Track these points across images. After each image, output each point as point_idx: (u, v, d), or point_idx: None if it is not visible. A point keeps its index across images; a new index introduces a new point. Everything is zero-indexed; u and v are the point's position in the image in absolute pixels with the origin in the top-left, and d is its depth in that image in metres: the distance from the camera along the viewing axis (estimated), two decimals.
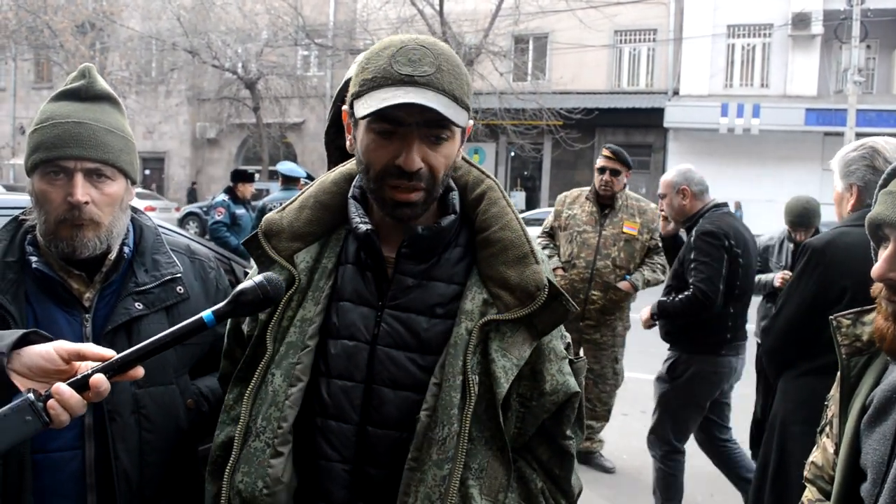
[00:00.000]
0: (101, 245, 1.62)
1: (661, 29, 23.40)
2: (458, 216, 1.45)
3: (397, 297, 1.41)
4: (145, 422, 1.63)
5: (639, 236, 5.04)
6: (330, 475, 1.39)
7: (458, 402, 1.30)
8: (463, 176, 1.52)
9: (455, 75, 1.33)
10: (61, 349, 1.30)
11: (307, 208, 1.49)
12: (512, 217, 1.43)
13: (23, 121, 30.96)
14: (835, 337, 1.61)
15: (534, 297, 1.34)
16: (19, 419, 1.18)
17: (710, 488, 4.92)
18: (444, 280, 1.42)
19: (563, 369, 1.43)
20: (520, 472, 1.44)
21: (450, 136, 1.34)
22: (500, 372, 1.31)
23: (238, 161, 28.89)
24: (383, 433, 1.37)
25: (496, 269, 1.38)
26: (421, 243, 1.41)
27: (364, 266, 1.44)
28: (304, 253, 1.45)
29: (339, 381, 1.39)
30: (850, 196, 2.73)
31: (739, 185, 21.91)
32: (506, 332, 1.35)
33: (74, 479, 1.58)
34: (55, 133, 1.57)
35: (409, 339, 1.38)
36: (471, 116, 1.39)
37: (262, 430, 1.36)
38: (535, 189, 25.21)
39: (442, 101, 1.29)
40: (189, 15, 23.52)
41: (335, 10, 25.80)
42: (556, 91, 22.46)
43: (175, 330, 1.28)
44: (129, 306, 1.64)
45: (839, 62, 21.09)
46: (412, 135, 1.31)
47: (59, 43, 24.61)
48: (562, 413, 1.44)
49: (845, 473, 1.51)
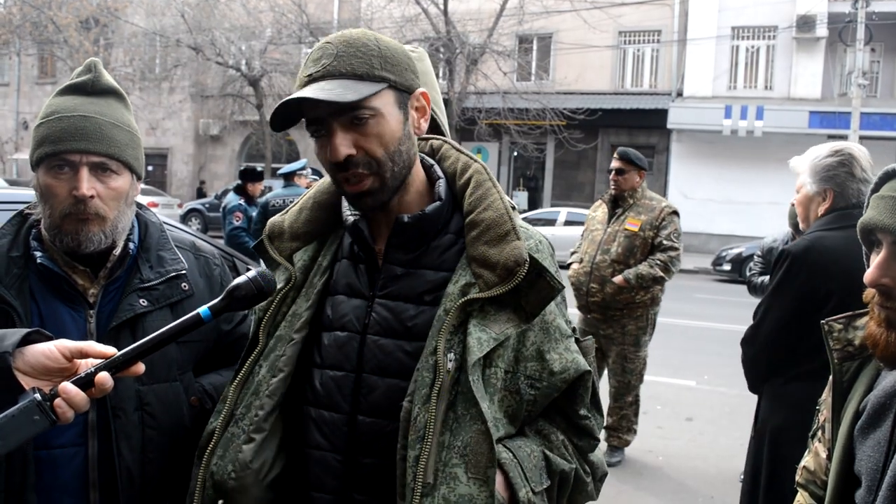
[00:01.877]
0: (106, 240, 1.61)
1: (666, 30, 23.38)
2: (444, 203, 1.46)
3: (387, 286, 1.43)
4: (149, 418, 1.62)
5: (640, 232, 5.10)
6: (322, 465, 1.40)
7: (429, 380, 1.30)
8: (452, 164, 1.52)
9: (357, 55, 1.34)
10: (63, 347, 1.31)
11: (306, 209, 1.54)
12: (496, 197, 1.43)
13: (26, 116, 31.01)
14: (826, 342, 1.61)
15: (514, 273, 1.33)
16: (27, 418, 1.22)
17: (711, 490, 4.92)
18: (433, 268, 1.43)
19: (570, 347, 1.42)
20: (538, 426, 1.44)
21: (371, 115, 1.33)
22: (474, 343, 1.30)
23: (241, 158, 28.90)
24: (372, 422, 1.38)
25: (479, 249, 1.38)
26: (407, 232, 1.43)
27: (357, 259, 1.47)
28: (301, 252, 1.50)
29: (331, 372, 1.42)
30: (824, 200, 2.77)
31: (742, 187, 21.90)
32: (489, 310, 1.34)
33: (77, 475, 1.57)
34: (61, 126, 1.56)
35: (398, 326, 1.40)
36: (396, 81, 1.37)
37: (241, 416, 1.40)
38: (537, 189, 25.20)
39: (339, 85, 1.30)
40: (193, 11, 23.52)
41: (339, 9, 25.79)
42: (560, 91, 22.45)
43: (174, 326, 1.32)
44: (133, 303, 1.64)
45: (843, 65, 21.06)
46: (330, 126, 1.33)
47: (63, 38, 24.65)
48: (574, 392, 1.43)
49: (838, 479, 1.51)
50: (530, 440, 1.41)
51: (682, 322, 11.26)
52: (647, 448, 5.77)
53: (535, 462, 1.38)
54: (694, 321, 11.44)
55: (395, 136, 1.37)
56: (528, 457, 1.37)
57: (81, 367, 1.32)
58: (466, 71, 20.33)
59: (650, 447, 5.79)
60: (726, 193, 22.18)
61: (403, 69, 1.39)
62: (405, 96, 1.39)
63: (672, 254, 5.07)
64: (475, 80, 20.65)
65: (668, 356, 8.74)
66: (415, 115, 1.43)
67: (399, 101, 1.38)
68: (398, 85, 1.37)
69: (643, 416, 6.50)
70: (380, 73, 1.34)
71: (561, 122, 20.77)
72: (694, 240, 23.01)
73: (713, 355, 8.75)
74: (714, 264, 17.96)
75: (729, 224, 21.45)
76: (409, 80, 1.40)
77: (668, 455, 5.66)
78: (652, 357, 8.39)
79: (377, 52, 1.35)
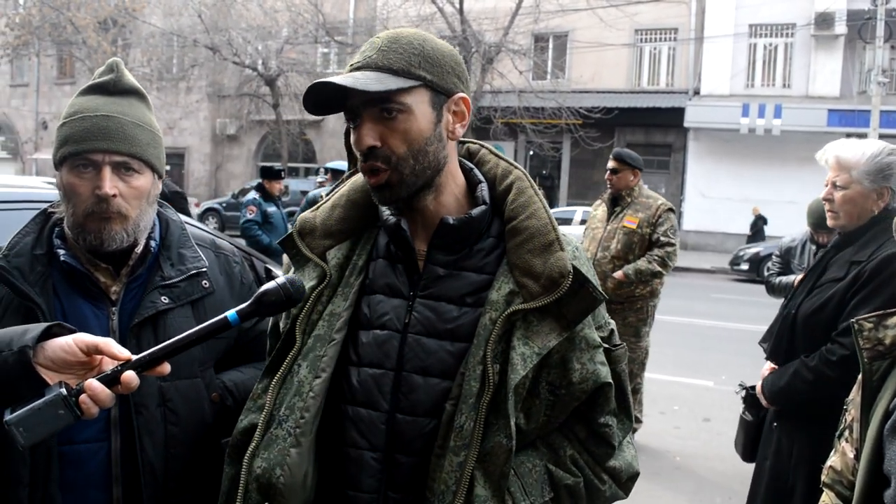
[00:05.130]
0: (129, 238, 1.63)
1: (682, 28, 23.25)
2: (488, 206, 1.46)
3: (429, 287, 1.42)
4: (171, 415, 1.64)
5: (638, 230, 5.34)
6: (359, 463, 1.40)
7: (477, 391, 1.32)
8: (492, 169, 1.53)
9: (399, 51, 1.35)
10: (80, 341, 1.32)
11: (339, 206, 1.51)
12: (539, 206, 1.43)
13: (45, 116, 31.30)
14: (856, 341, 1.60)
15: (558, 284, 1.34)
16: (53, 412, 1.23)
17: (729, 491, 4.89)
18: (475, 270, 1.43)
19: (594, 358, 1.42)
20: (549, 439, 1.46)
21: (401, 110, 1.34)
22: (518, 359, 1.32)
23: (258, 157, 29.05)
24: (412, 420, 1.38)
25: (523, 257, 1.38)
26: (452, 234, 1.43)
27: (395, 259, 1.46)
28: (335, 250, 1.48)
29: (370, 370, 1.41)
30: (879, 198, 2.78)
31: (760, 186, 21.75)
32: (532, 320, 1.35)
33: (100, 470, 1.59)
34: (84, 126, 1.58)
35: (440, 326, 1.40)
36: (434, 81, 1.37)
37: (285, 418, 1.38)
38: (553, 188, 25.13)
39: (372, 76, 1.32)
40: (210, 12, 23.65)
41: (355, 8, 25.85)
42: (576, 90, 22.38)
43: (201, 328, 1.32)
44: (155, 300, 1.65)
45: (863, 62, 20.85)
46: (362, 115, 1.35)
47: (81, 39, 24.88)
48: (594, 402, 1.44)
49: (867, 479, 1.50)
50: (535, 454, 1.43)
51: (699, 322, 11.21)
52: (665, 448, 5.75)
53: (536, 476, 1.41)
54: (711, 321, 11.38)
55: (423, 135, 1.36)
56: (530, 472, 1.40)
57: (104, 362, 1.33)
58: (482, 70, 20.31)
59: (667, 447, 5.77)
60: (744, 192, 22.03)
61: (446, 71, 1.38)
62: (442, 98, 1.39)
63: (669, 249, 5.30)
64: (491, 79, 20.63)
65: (685, 356, 8.72)
66: (450, 119, 1.41)
67: (434, 102, 1.38)
68: (435, 85, 1.37)
69: (660, 416, 6.49)
70: (417, 70, 1.34)
71: (577, 121, 20.71)
72: (711, 239, 22.90)
73: (731, 355, 8.70)
74: (732, 264, 17.85)
75: (746, 223, 21.30)
76: (450, 82, 1.39)
77: (685, 455, 5.64)
78: (669, 357, 8.38)
79: (419, 51, 1.36)
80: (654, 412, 6.57)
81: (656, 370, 7.81)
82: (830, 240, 5.07)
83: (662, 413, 6.64)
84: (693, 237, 23.03)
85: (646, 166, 26.69)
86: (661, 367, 7.96)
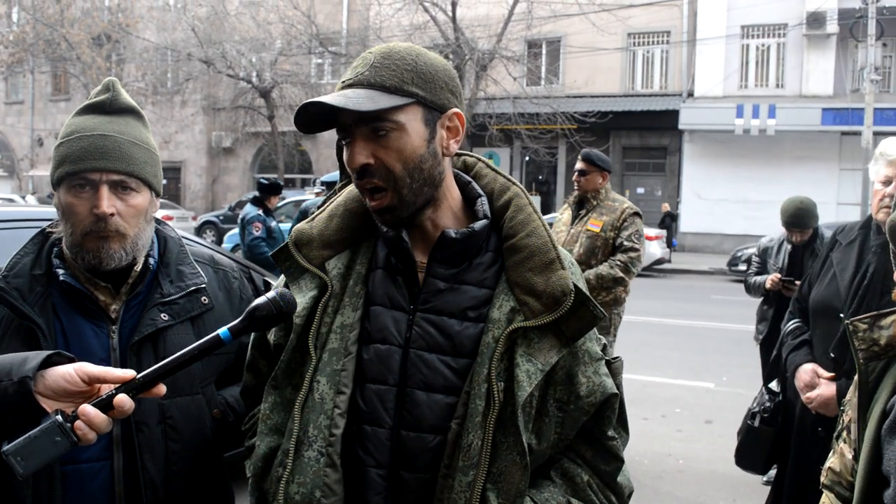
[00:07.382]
0: (127, 256, 1.63)
1: (675, 31, 23.34)
2: (489, 220, 1.45)
3: (429, 301, 1.41)
4: (171, 432, 1.64)
5: (601, 233, 5.11)
6: (364, 480, 1.38)
7: (483, 409, 1.31)
8: (489, 183, 1.52)
9: (391, 67, 1.33)
10: (83, 372, 1.32)
11: (337, 216, 1.49)
12: (538, 223, 1.43)
13: (41, 132, 31.29)
14: (851, 341, 1.60)
15: (560, 302, 1.34)
16: (49, 440, 1.23)
17: (733, 493, 4.89)
18: (475, 284, 1.42)
19: (598, 370, 1.42)
20: (563, 468, 1.45)
21: (393, 128, 1.33)
22: (524, 376, 1.31)
23: (254, 169, 29.06)
24: (416, 437, 1.37)
25: (523, 275, 1.38)
26: (453, 247, 1.42)
27: (394, 270, 1.45)
28: (335, 260, 1.46)
29: (373, 386, 1.39)
30: None
31: (756, 186, 21.80)
32: (533, 337, 1.35)
33: (103, 489, 1.59)
34: (81, 146, 1.59)
35: (442, 341, 1.39)
36: (426, 98, 1.36)
37: (314, 439, 1.35)
38: (549, 193, 25.17)
39: (363, 94, 1.30)
40: (203, 25, 23.72)
41: (348, 18, 25.93)
42: (570, 95, 22.45)
43: (193, 348, 1.32)
44: (154, 317, 1.66)
45: (855, 61, 20.95)
46: (353, 133, 1.34)
47: (75, 55, 24.92)
48: (602, 415, 1.44)
49: (866, 479, 1.50)
50: (557, 491, 1.42)
51: (698, 323, 11.21)
52: (667, 452, 5.74)
53: None
54: (711, 322, 11.38)
55: (417, 152, 1.35)
56: None
57: (103, 389, 1.33)
58: (476, 77, 20.37)
59: (670, 451, 5.77)
60: (740, 193, 22.09)
61: (439, 87, 1.38)
62: (435, 114, 1.38)
63: (632, 254, 5.05)
64: (485, 86, 20.69)
65: (685, 358, 8.72)
66: (444, 135, 1.40)
67: (427, 119, 1.37)
68: (428, 102, 1.36)
69: (662, 420, 6.49)
70: (409, 87, 1.33)
71: (572, 126, 20.76)
72: (709, 240, 22.93)
73: (731, 356, 8.70)
74: (730, 265, 17.85)
75: (744, 224, 21.34)
76: (443, 98, 1.38)
77: (688, 458, 5.63)
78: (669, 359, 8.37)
79: (412, 67, 1.35)
80: (655, 415, 6.57)
81: (657, 373, 7.82)
82: (803, 238, 5.09)
83: (664, 416, 6.63)
84: (690, 239, 23.06)
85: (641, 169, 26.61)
86: (662, 370, 7.96)
